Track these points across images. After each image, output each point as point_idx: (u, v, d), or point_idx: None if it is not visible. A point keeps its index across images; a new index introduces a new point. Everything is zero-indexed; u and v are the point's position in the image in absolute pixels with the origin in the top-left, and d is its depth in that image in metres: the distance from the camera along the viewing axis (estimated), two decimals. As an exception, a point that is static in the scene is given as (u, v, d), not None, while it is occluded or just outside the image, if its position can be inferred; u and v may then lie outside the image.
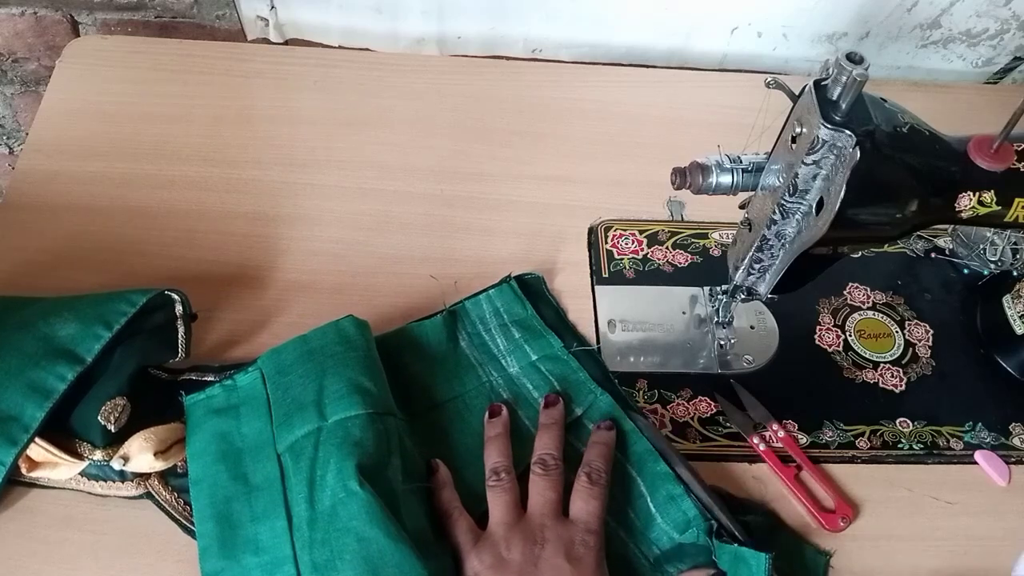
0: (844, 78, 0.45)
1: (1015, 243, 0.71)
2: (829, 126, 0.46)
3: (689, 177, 0.54)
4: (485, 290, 0.65)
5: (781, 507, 0.58)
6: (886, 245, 0.72)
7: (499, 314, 0.64)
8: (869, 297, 0.69)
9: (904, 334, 0.68)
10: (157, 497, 0.54)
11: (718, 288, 0.64)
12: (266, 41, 0.86)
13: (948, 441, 0.62)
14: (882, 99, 0.49)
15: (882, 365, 0.66)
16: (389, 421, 0.53)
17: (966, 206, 0.50)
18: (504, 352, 0.62)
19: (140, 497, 0.54)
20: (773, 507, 0.58)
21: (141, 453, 0.52)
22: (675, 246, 0.71)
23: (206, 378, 0.58)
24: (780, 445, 0.60)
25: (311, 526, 0.49)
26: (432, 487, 0.54)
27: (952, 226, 0.73)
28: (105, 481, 0.54)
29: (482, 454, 0.57)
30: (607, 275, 0.69)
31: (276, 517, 0.51)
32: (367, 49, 0.86)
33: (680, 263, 0.70)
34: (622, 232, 0.71)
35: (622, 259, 0.70)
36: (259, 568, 0.50)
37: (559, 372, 0.61)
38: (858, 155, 0.46)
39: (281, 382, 0.55)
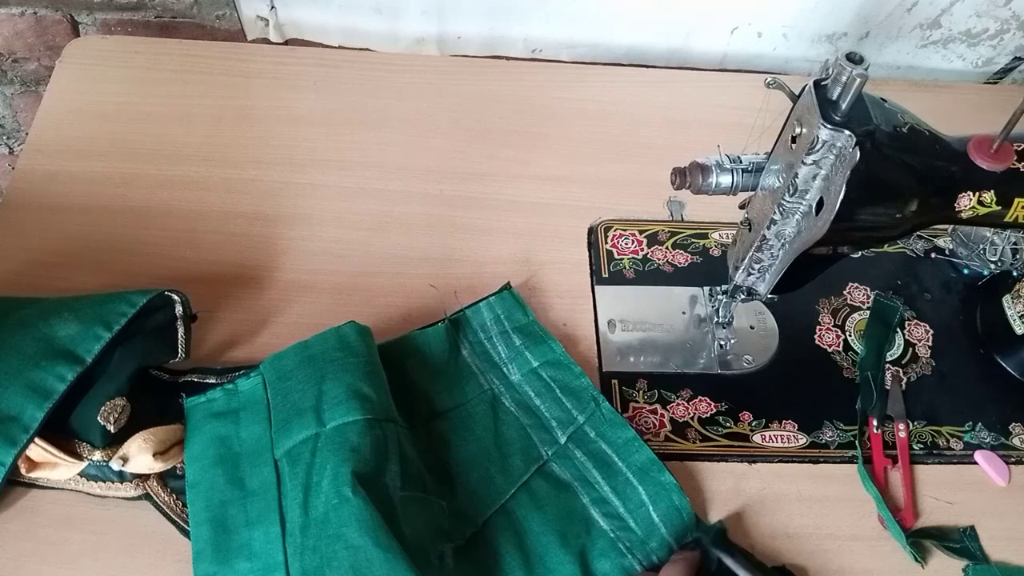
0: (844, 78, 0.45)
1: (1015, 243, 0.71)
2: (829, 126, 0.46)
3: (689, 177, 0.54)
4: (485, 298, 0.65)
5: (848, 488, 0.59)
6: (886, 245, 0.72)
7: (500, 321, 0.63)
8: (869, 297, 0.69)
9: (904, 334, 0.68)
10: (156, 498, 0.54)
11: (718, 288, 0.64)
12: (266, 41, 0.86)
13: (948, 441, 0.62)
14: (882, 99, 0.49)
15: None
16: (388, 427, 0.53)
17: (966, 206, 0.50)
18: (505, 360, 0.62)
19: (139, 498, 0.54)
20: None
21: (140, 454, 0.52)
22: (675, 246, 0.71)
23: (207, 380, 0.58)
24: (892, 440, 0.62)
25: (303, 532, 0.49)
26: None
27: (952, 226, 0.73)
28: (104, 482, 0.54)
29: (483, 462, 0.57)
30: (607, 275, 0.69)
31: (270, 523, 0.51)
32: (367, 49, 0.86)
33: (680, 263, 0.70)
34: (622, 232, 0.71)
35: (622, 259, 0.70)
36: (251, 574, 0.50)
37: (561, 378, 0.61)
38: (858, 155, 0.46)
39: (281, 387, 0.55)
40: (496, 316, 0.64)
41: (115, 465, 0.52)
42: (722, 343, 0.65)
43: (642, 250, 0.71)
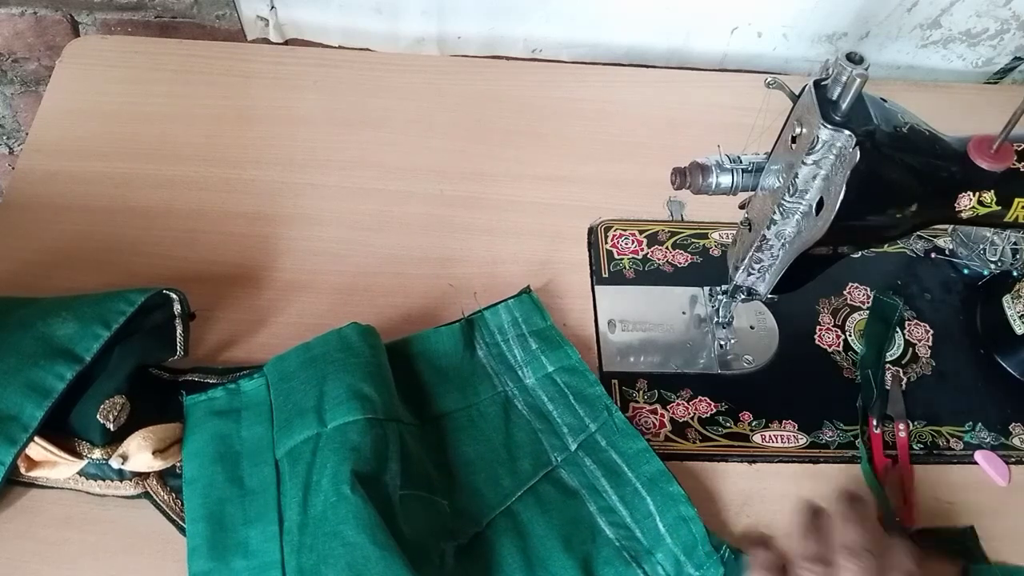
0: (844, 78, 0.45)
1: (1015, 243, 0.71)
2: (829, 126, 0.46)
3: (689, 177, 0.54)
4: (504, 300, 0.64)
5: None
6: (886, 245, 0.72)
7: (517, 324, 0.63)
8: (869, 297, 0.69)
9: (904, 334, 0.68)
10: (155, 497, 0.54)
11: (718, 288, 0.64)
12: (266, 41, 0.86)
13: (948, 441, 0.62)
14: (882, 99, 0.49)
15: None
16: (390, 427, 0.53)
17: (966, 206, 0.50)
18: (521, 363, 0.62)
19: (138, 496, 0.54)
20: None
21: (140, 452, 0.52)
22: (675, 246, 0.71)
23: (208, 380, 0.58)
24: (892, 440, 0.62)
25: (301, 531, 0.49)
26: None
27: (952, 226, 0.73)
28: (103, 480, 0.54)
29: (491, 463, 0.57)
30: (607, 275, 0.69)
31: (268, 522, 0.51)
32: (367, 49, 0.86)
33: (680, 263, 0.70)
34: (622, 232, 0.71)
35: (622, 259, 0.70)
36: (247, 572, 0.50)
37: (575, 385, 0.61)
38: (858, 155, 0.46)
39: (284, 388, 0.55)
40: (514, 319, 0.63)
41: (115, 463, 0.52)
42: (722, 343, 0.65)
43: (642, 250, 0.71)
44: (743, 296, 0.61)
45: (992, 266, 0.71)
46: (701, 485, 0.59)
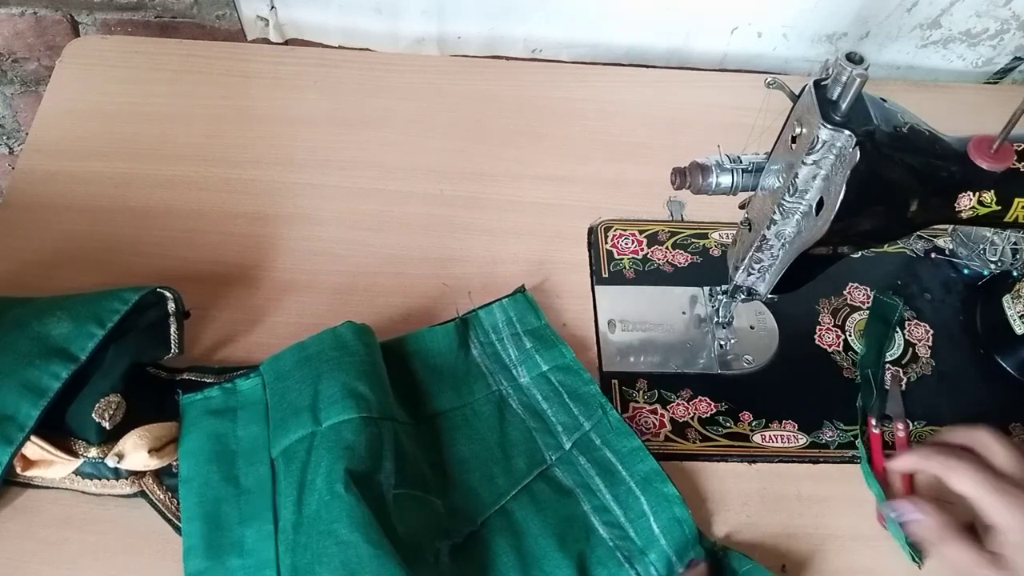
0: (844, 78, 0.45)
1: (1015, 243, 0.70)
2: (829, 126, 0.46)
3: (689, 177, 0.54)
4: (499, 299, 0.64)
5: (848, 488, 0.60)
6: (886, 245, 0.72)
7: (512, 323, 0.63)
8: (869, 297, 0.69)
9: (904, 334, 0.68)
10: (151, 496, 0.54)
11: (718, 288, 0.64)
12: (266, 41, 0.86)
13: (948, 441, 0.62)
14: (882, 99, 0.49)
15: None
16: (385, 425, 0.53)
17: (966, 206, 0.50)
18: (515, 362, 0.62)
19: (134, 495, 0.54)
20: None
21: (136, 451, 0.52)
22: (675, 246, 0.71)
23: (205, 379, 0.58)
24: (891, 440, 0.62)
25: (296, 529, 0.49)
26: None
27: (952, 226, 0.73)
28: (99, 479, 0.54)
29: (485, 462, 0.57)
30: (607, 275, 0.69)
31: (263, 521, 0.51)
32: (367, 49, 0.86)
33: (680, 263, 0.70)
34: (622, 232, 0.71)
35: (622, 259, 0.70)
36: (242, 571, 0.50)
37: (569, 383, 0.61)
38: (858, 155, 0.45)
39: (279, 387, 0.55)
40: (508, 318, 0.63)
41: (110, 462, 0.52)
42: (722, 343, 0.65)
43: (642, 250, 0.71)
44: (743, 296, 0.61)
45: (992, 266, 0.71)
46: (701, 485, 0.59)
